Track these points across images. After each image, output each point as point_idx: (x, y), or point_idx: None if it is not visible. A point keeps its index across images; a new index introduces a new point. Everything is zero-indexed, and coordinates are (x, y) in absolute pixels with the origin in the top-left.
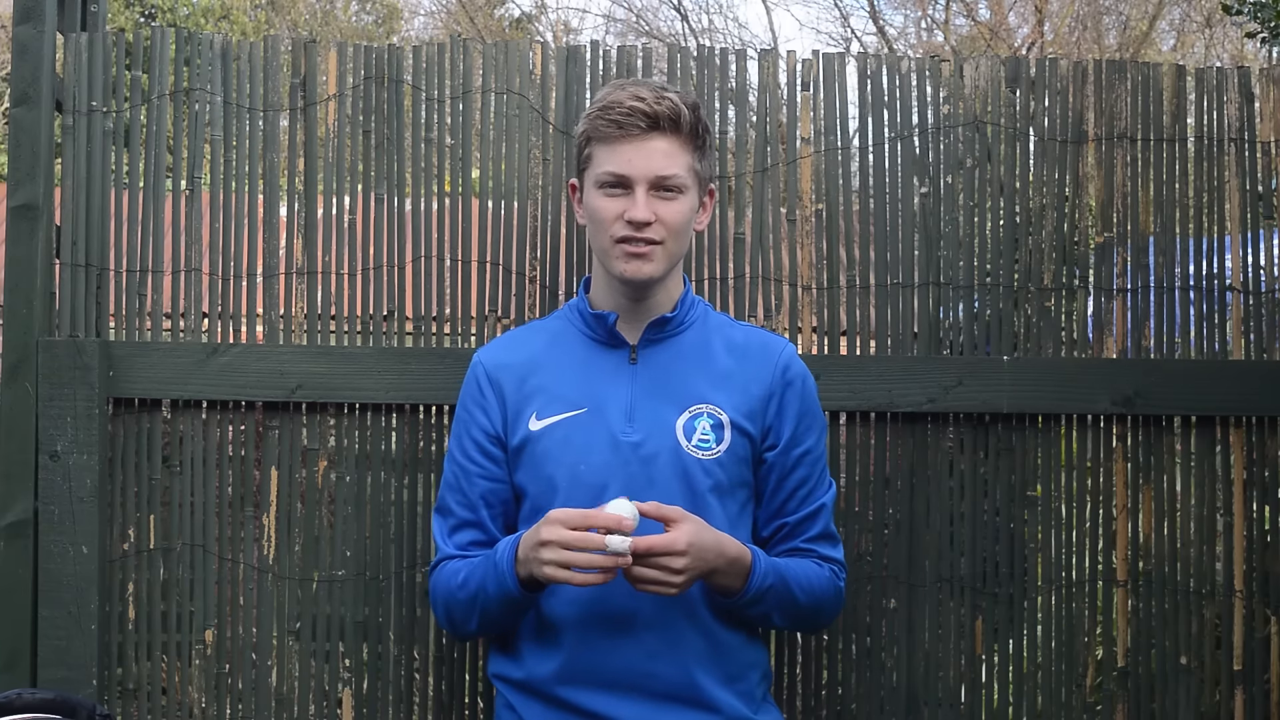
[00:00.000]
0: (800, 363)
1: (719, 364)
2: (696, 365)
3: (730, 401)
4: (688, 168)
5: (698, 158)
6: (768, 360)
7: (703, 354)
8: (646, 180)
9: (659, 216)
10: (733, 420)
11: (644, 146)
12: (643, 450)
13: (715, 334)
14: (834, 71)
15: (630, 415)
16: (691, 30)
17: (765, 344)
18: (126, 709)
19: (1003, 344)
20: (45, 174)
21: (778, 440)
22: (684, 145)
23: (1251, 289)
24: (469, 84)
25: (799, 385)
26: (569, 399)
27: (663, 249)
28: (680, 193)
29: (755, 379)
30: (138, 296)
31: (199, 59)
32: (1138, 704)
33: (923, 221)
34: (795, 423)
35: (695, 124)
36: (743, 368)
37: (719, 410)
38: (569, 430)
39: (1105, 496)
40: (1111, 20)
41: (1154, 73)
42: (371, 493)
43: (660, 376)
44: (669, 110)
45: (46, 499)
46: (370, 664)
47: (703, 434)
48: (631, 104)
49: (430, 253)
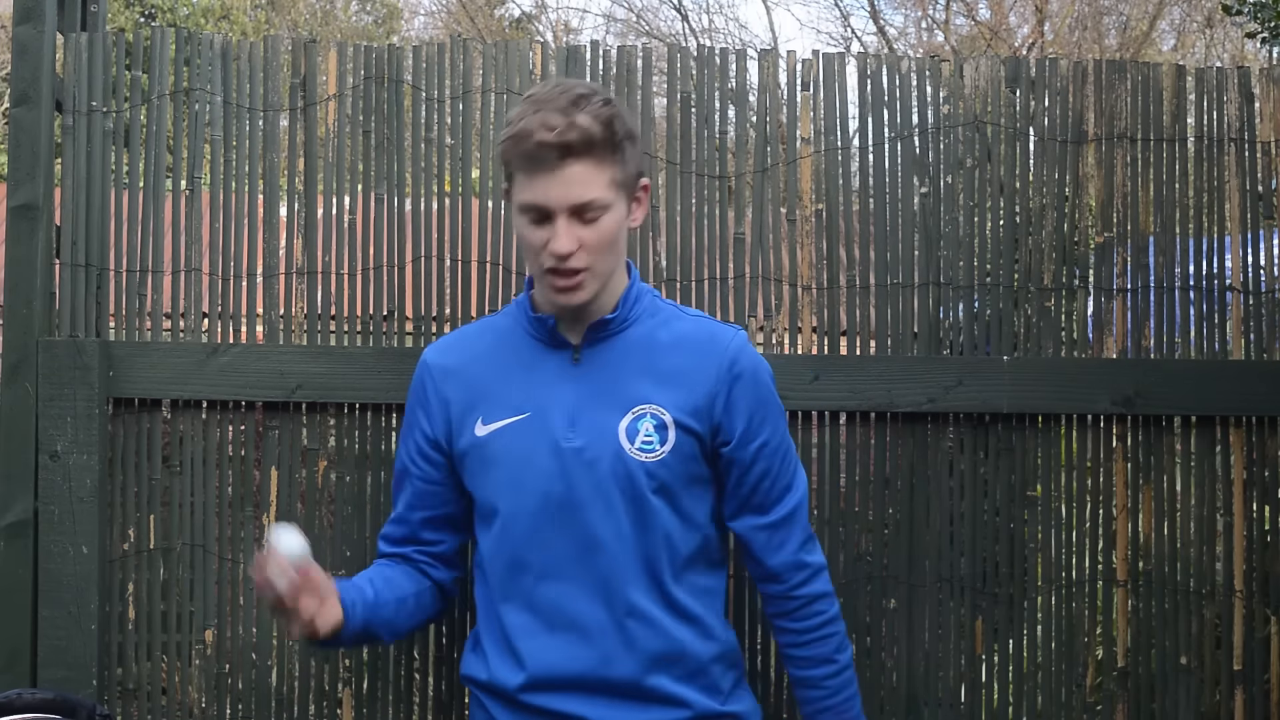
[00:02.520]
0: (750, 353)
1: (663, 362)
2: (640, 364)
3: (674, 400)
4: (608, 183)
5: (619, 168)
6: (714, 354)
7: (647, 352)
8: (565, 209)
9: (583, 242)
10: (676, 420)
11: (559, 176)
12: (585, 455)
13: (662, 328)
14: (834, 71)
15: (572, 420)
16: (691, 30)
17: (712, 336)
18: (126, 709)
19: (1003, 344)
20: (45, 174)
21: (730, 436)
22: (601, 163)
23: (1251, 289)
24: (469, 84)
25: (749, 377)
26: (513, 404)
27: (590, 273)
28: (604, 212)
29: (701, 374)
30: (138, 296)
31: (199, 59)
32: (1138, 704)
33: (923, 221)
34: (748, 417)
35: (611, 137)
36: (688, 363)
37: (662, 410)
38: (512, 436)
39: (1105, 496)
40: (1112, 20)
41: (1154, 73)
42: (371, 493)
43: (603, 378)
44: (580, 136)
45: (46, 499)
46: (370, 664)
47: (645, 435)
48: (540, 138)
49: (430, 253)
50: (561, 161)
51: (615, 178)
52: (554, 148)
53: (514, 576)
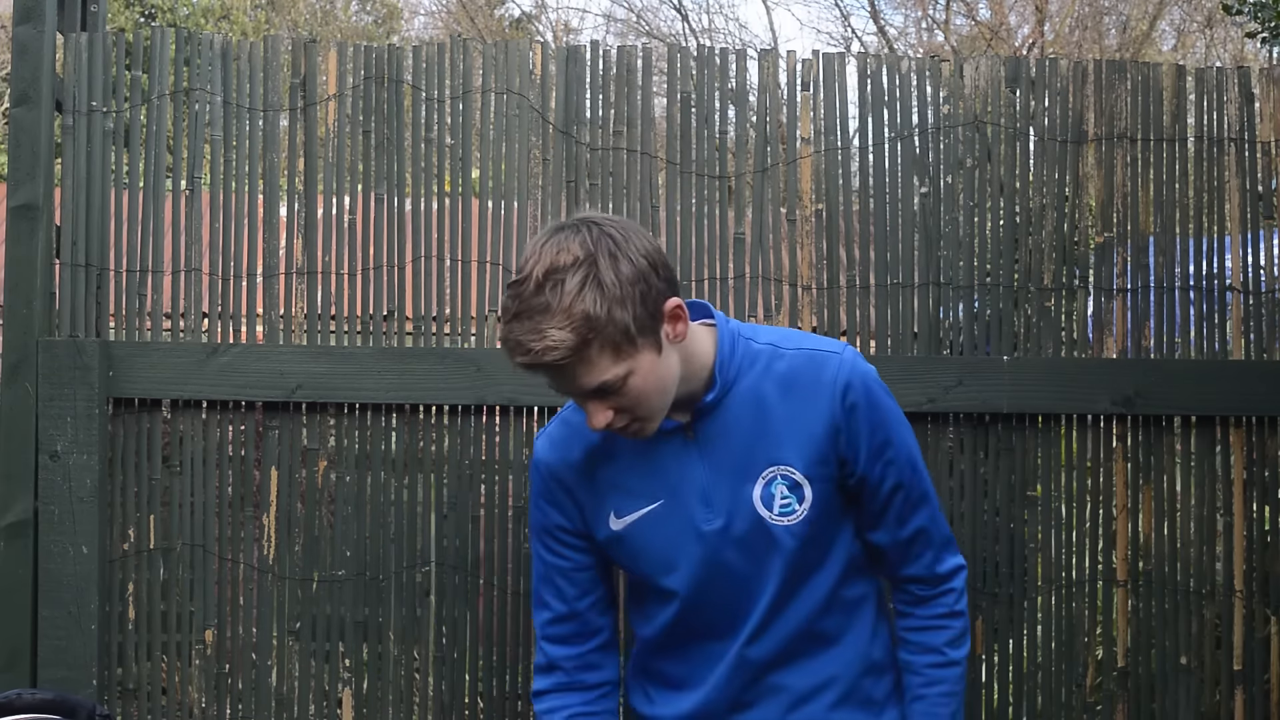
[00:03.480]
0: (859, 373)
1: (777, 415)
2: (755, 425)
3: (799, 454)
4: (612, 360)
5: (620, 338)
6: (824, 390)
7: (758, 409)
8: (584, 396)
9: (621, 405)
10: (807, 473)
11: (558, 379)
12: (729, 534)
13: (765, 378)
14: (834, 71)
15: (706, 499)
16: (691, 30)
17: (817, 370)
18: (126, 709)
19: (1003, 344)
20: (45, 174)
21: (857, 463)
22: (595, 355)
23: (1251, 289)
24: (469, 84)
25: (863, 402)
26: (642, 492)
27: (644, 419)
28: (627, 377)
29: (815, 416)
30: (138, 296)
31: (199, 59)
32: (1138, 704)
33: (923, 221)
34: (869, 439)
35: (588, 334)
36: (800, 407)
37: (790, 469)
38: (651, 525)
39: (1105, 496)
40: (1112, 20)
41: (1154, 73)
42: (371, 493)
43: (723, 449)
44: (557, 356)
45: (46, 499)
46: (370, 664)
47: (782, 500)
48: (520, 361)
49: (430, 253)
50: (550, 372)
51: (618, 352)
52: (535, 367)
53: (671, 634)
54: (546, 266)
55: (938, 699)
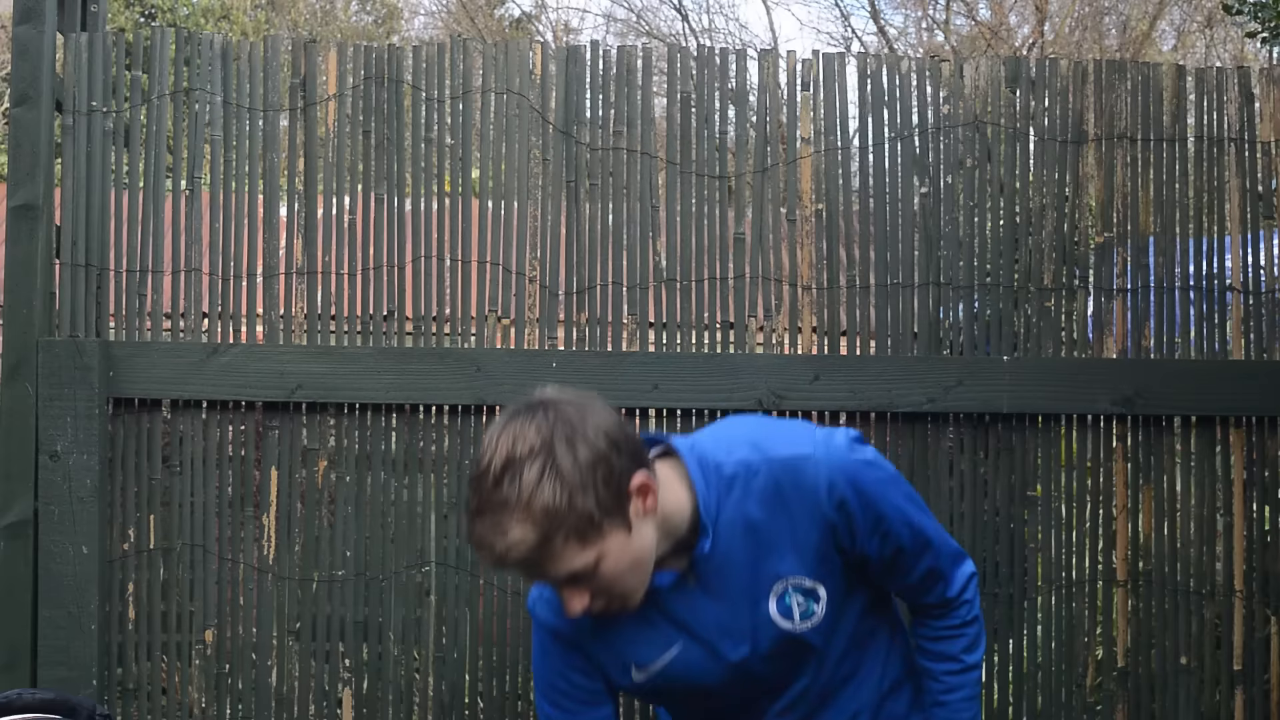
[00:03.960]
0: (838, 468)
1: (767, 532)
2: (750, 549)
3: (801, 562)
4: (578, 550)
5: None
6: (807, 498)
7: (747, 533)
8: (556, 584)
9: (594, 588)
10: (815, 577)
11: (526, 574)
12: (758, 654)
13: (747, 499)
14: (834, 71)
15: (725, 631)
16: (691, 30)
17: (797, 480)
18: (126, 709)
19: (1003, 344)
20: (45, 174)
21: (856, 546)
22: (559, 548)
23: (1251, 289)
24: (469, 84)
25: (852, 495)
26: (659, 641)
27: (622, 596)
28: (598, 563)
29: (808, 525)
30: (138, 296)
31: (199, 59)
32: (1138, 704)
33: (923, 221)
34: (864, 524)
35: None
36: (790, 519)
37: (799, 578)
38: (676, 668)
39: (1105, 496)
40: (1112, 20)
41: (1154, 73)
42: (371, 493)
43: (727, 580)
44: (517, 556)
45: (46, 499)
46: (370, 664)
47: (800, 607)
48: (486, 559)
49: (430, 253)
50: (518, 569)
51: (584, 538)
52: (502, 566)
53: None
54: (503, 459)
55: (959, 704)
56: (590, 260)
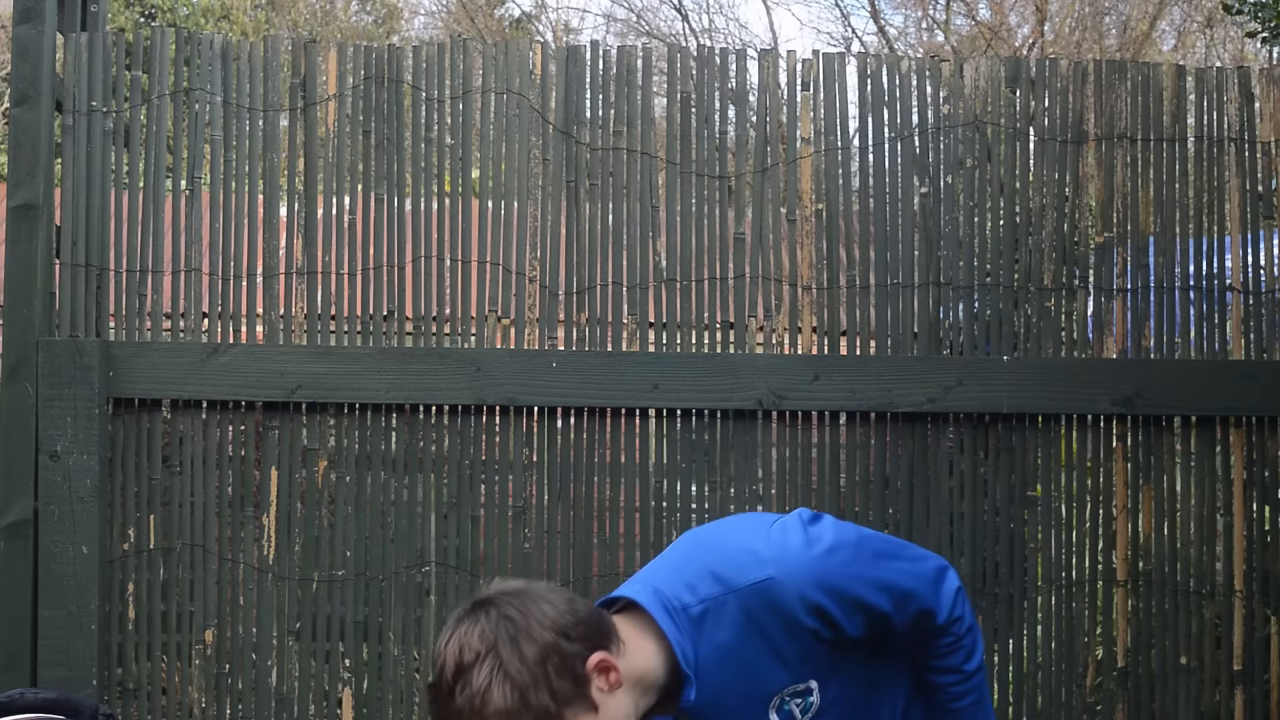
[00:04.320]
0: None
1: (750, 657)
2: (737, 676)
3: (789, 672)
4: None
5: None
6: (781, 619)
7: (730, 662)
8: None
9: None
10: (803, 678)
11: None
12: None
13: (719, 631)
14: (834, 71)
15: None
16: (691, 30)
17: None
18: (126, 709)
19: (1003, 344)
20: (45, 174)
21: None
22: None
23: (1251, 289)
24: (469, 84)
25: (825, 601)
26: None
27: None
28: None
29: (786, 640)
30: (138, 296)
31: (199, 59)
32: (1138, 704)
33: (923, 221)
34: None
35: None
36: (768, 640)
37: (791, 686)
38: None
39: (1105, 496)
40: (1112, 20)
41: (1154, 73)
42: (371, 493)
43: (721, 713)
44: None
45: (46, 499)
46: (370, 664)
47: (799, 707)
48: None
49: (430, 253)
50: None
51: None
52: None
53: None
54: (453, 668)
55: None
56: (590, 260)
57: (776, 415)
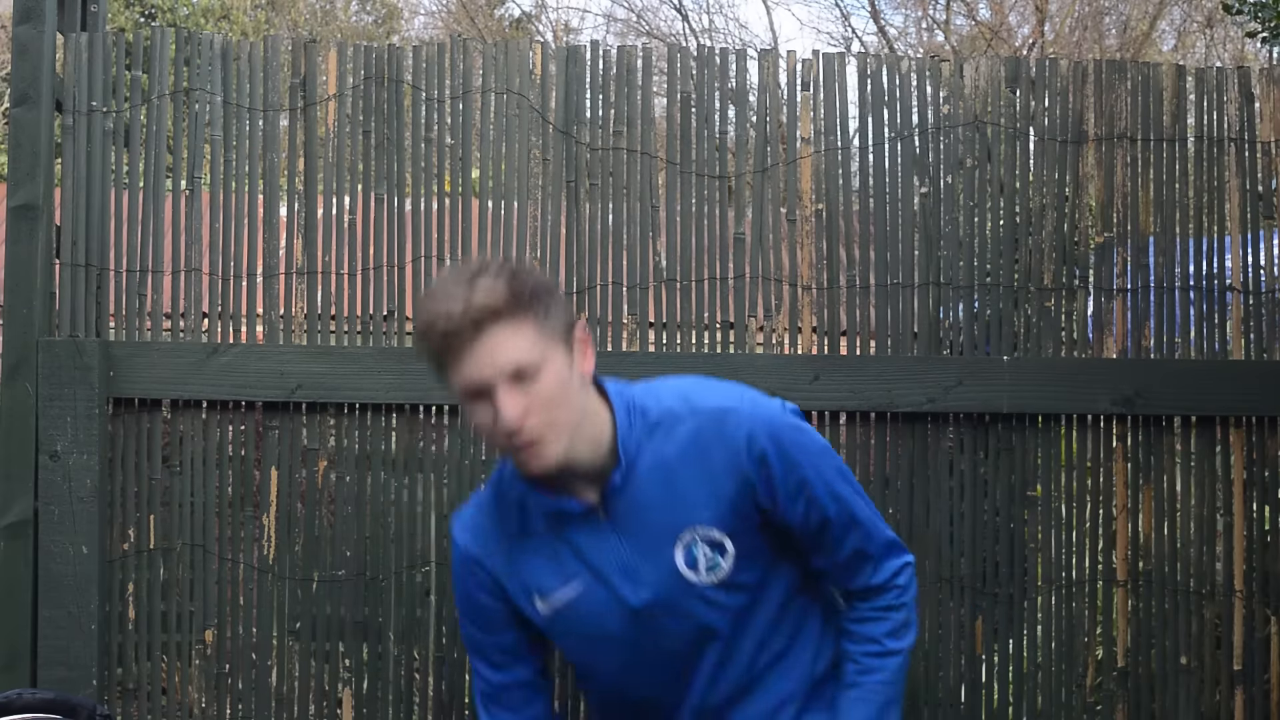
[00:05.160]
0: (761, 421)
1: (683, 479)
2: (666, 494)
3: (714, 513)
4: (534, 341)
5: (540, 321)
6: (727, 448)
7: (664, 477)
8: (501, 378)
9: (529, 407)
10: (726, 529)
11: (479, 349)
12: (659, 603)
13: (666, 443)
14: (834, 71)
15: (629, 574)
16: (691, 30)
17: (719, 430)
18: (126, 709)
19: (1003, 344)
20: (45, 174)
21: (778, 507)
22: (520, 323)
23: (1251, 289)
24: (469, 84)
25: (772, 450)
26: (564, 574)
27: (548, 433)
28: (540, 367)
29: (725, 475)
30: (138, 296)
31: (199, 59)
32: (1138, 704)
33: (923, 221)
34: (785, 485)
35: (520, 294)
36: (708, 469)
37: (708, 529)
38: (577, 606)
39: (1105, 496)
40: (1112, 20)
41: (1154, 73)
42: (371, 493)
43: (638, 522)
44: (484, 303)
45: (46, 499)
46: (370, 664)
47: (706, 560)
48: (445, 323)
49: (430, 253)
50: (476, 335)
51: (539, 333)
52: (465, 323)
53: (621, 704)
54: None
55: (873, 686)
56: (590, 260)
57: None
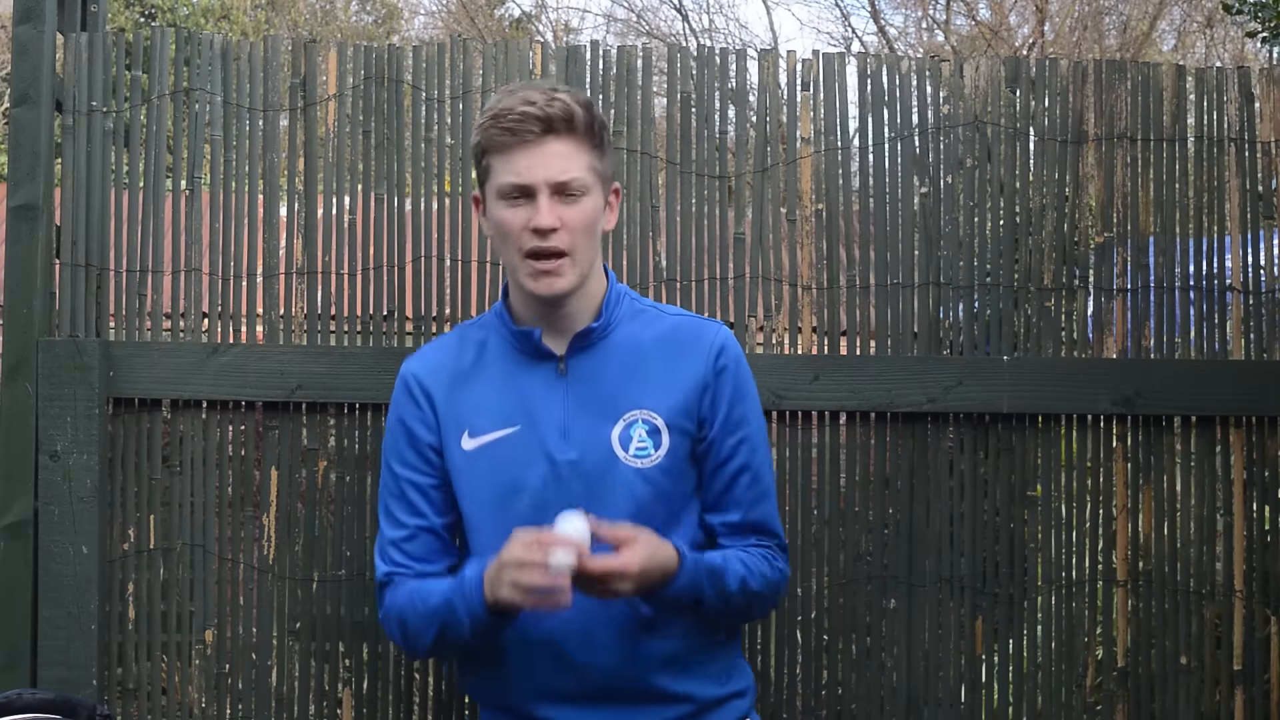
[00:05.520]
0: (734, 346)
1: (650, 364)
2: (627, 370)
3: (664, 403)
4: (588, 168)
5: (597, 156)
6: (699, 348)
7: (633, 356)
8: (547, 186)
9: (564, 221)
10: (669, 422)
11: (540, 151)
12: (582, 466)
13: (645, 329)
14: (834, 71)
15: (564, 430)
16: (691, 30)
17: (697, 332)
18: (126, 709)
19: (1003, 344)
20: (45, 174)
21: (712, 425)
22: (581, 145)
23: (1251, 289)
24: (469, 84)
25: (732, 369)
26: (501, 416)
27: (570, 260)
28: (584, 194)
29: (688, 370)
30: (138, 296)
31: (199, 59)
32: (1138, 704)
33: (923, 221)
34: (728, 407)
35: (591, 122)
36: (673, 363)
37: (653, 415)
38: (503, 449)
39: (1105, 496)
40: (1112, 20)
41: (1154, 73)
42: (371, 493)
43: (591, 387)
44: (561, 111)
45: (46, 499)
46: (370, 664)
47: (639, 442)
48: (523, 109)
49: (430, 253)
50: (543, 137)
51: (594, 165)
52: (536, 120)
53: None
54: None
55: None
56: None
57: (776, 415)
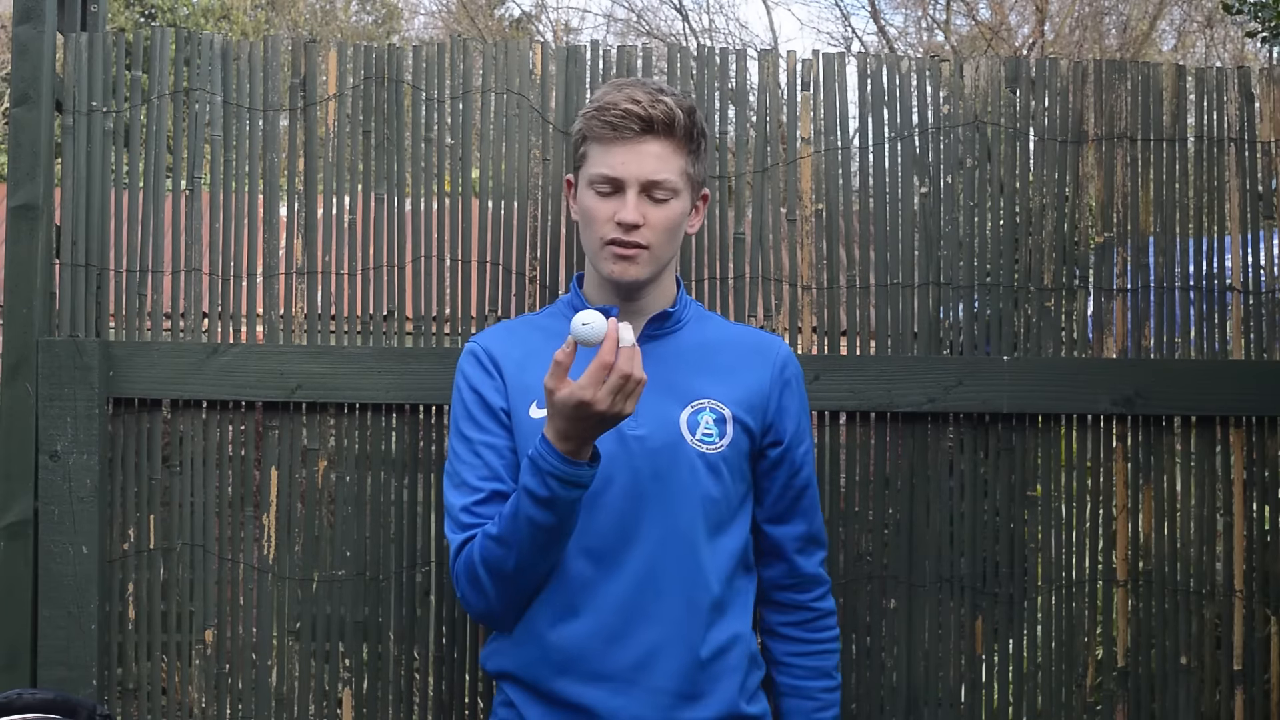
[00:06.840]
0: (796, 362)
1: (719, 359)
2: (696, 361)
3: (731, 396)
4: (680, 171)
5: (691, 161)
6: (766, 357)
7: (701, 349)
8: (638, 183)
9: (648, 220)
10: (735, 415)
11: (637, 149)
12: (649, 444)
13: (713, 331)
14: (834, 71)
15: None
16: (691, 30)
17: (762, 342)
18: (126, 709)
19: (1003, 344)
20: (45, 174)
21: (782, 437)
22: (677, 149)
23: (1251, 289)
24: (469, 84)
25: (796, 384)
26: None
27: (649, 253)
28: (672, 196)
29: (755, 375)
30: (138, 296)
31: (199, 59)
32: (1138, 704)
33: (923, 221)
34: (797, 420)
35: (690, 128)
36: (742, 364)
37: (721, 405)
38: None
39: (1105, 496)
40: (1112, 20)
41: (1154, 73)
42: (371, 493)
43: (661, 371)
44: (663, 114)
45: (46, 499)
46: (370, 664)
47: (706, 428)
48: (627, 106)
49: (430, 253)
50: (641, 136)
51: (687, 170)
52: (638, 119)
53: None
54: (659, 82)
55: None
56: None
57: None
